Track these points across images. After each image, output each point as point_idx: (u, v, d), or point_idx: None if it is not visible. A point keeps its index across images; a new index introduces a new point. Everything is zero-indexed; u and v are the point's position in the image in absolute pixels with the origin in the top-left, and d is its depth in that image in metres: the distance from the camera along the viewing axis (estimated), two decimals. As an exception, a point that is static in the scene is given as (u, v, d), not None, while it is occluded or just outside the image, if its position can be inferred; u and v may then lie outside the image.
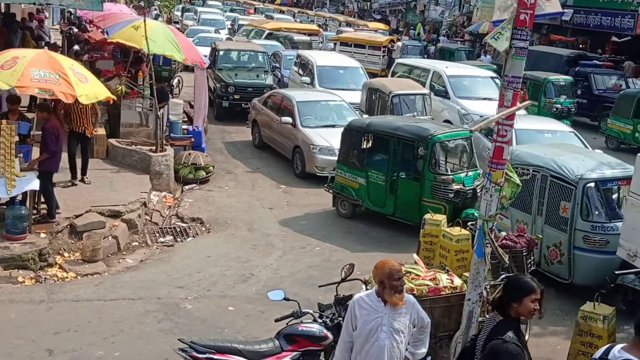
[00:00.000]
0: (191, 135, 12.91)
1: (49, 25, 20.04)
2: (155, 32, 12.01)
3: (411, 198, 9.75)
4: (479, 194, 9.77)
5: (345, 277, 5.64)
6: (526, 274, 6.85)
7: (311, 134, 12.70)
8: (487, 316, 4.23)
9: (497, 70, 22.49)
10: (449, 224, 8.13)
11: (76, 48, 16.17)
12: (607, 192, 7.97)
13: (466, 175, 9.84)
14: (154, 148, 11.71)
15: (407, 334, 4.38)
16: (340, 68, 18.04)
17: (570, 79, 18.91)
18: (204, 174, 12.26)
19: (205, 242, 9.71)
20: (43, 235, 8.67)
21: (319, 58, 18.14)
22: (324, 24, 37.61)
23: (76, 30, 19.83)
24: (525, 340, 4.11)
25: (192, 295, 7.89)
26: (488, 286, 6.42)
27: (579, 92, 19.30)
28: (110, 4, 18.73)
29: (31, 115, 11.18)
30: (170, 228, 10.18)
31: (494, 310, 4.08)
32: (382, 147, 10.28)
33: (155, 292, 7.87)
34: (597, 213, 7.70)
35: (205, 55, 19.92)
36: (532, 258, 7.01)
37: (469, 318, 4.73)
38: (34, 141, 9.38)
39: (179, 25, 28.96)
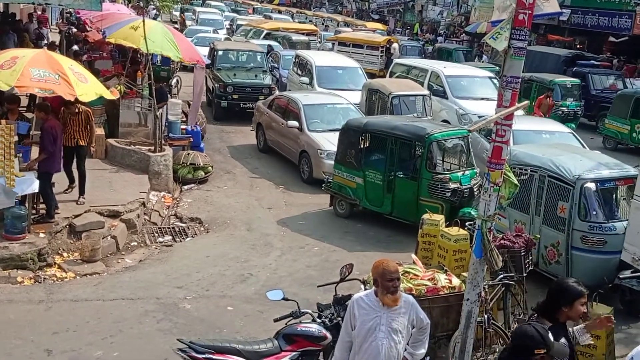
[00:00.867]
0: (190, 135, 12.92)
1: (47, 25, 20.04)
2: (153, 32, 12.01)
3: (408, 197, 9.79)
4: (475, 193, 9.86)
5: (343, 277, 5.65)
6: (525, 272, 6.92)
7: (318, 139, 12.44)
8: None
9: (499, 71, 22.60)
10: (446, 223, 8.15)
11: (75, 48, 16.17)
12: (605, 192, 7.99)
13: (463, 174, 9.88)
14: (152, 148, 11.72)
15: (406, 334, 4.40)
16: (339, 68, 17.98)
17: (577, 81, 18.71)
18: (203, 174, 12.27)
19: (204, 242, 9.72)
20: (42, 235, 8.67)
21: (318, 58, 18.09)
22: (324, 24, 37.62)
23: (75, 30, 19.83)
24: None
25: (191, 295, 7.90)
26: (486, 286, 6.45)
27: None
28: (109, 4, 18.73)
29: (31, 115, 11.17)
30: (169, 228, 10.19)
31: (535, 316, 4.06)
32: (380, 147, 10.31)
33: (154, 292, 7.88)
34: (595, 213, 7.73)
35: (204, 55, 20.10)
36: (530, 258, 7.02)
37: (468, 318, 4.75)
38: (33, 142, 9.37)
39: (177, 26, 28.90)
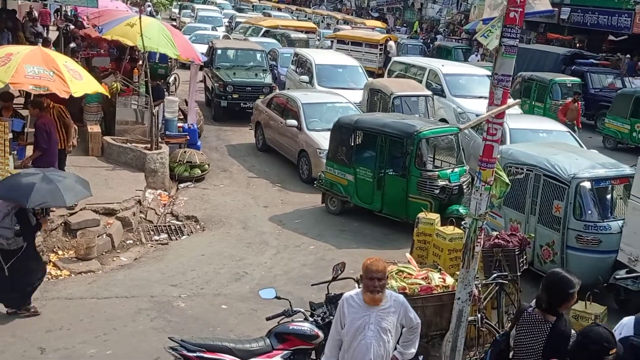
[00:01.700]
0: (186, 133, 12.90)
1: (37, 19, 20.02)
2: (150, 29, 11.97)
3: (398, 194, 9.80)
4: (465, 191, 9.86)
5: (336, 276, 5.65)
6: (519, 272, 6.91)
7: (317, 138, 12.36)
8: (526, 312, 4.27)
9: None
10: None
11: (73, 45, 16.12)
12: (601, 192, 7.98)
13: (452, 172, 9.90)
14: (149, 146, 11.70)
15: (395, 333, 4.39)
16: (339, 67, 17.82)
17: (578, 80, 18.57)
18: (199, 172, 12.25)
19: (199, 241, 9.71)
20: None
21: (318, 57, 17.92)
22: (323, 22, 37.55)
23: (73, 27, 19.77)
24: None
25: (186, 293, 7.89)
26: (480, 285, 6.44)
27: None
28: (107, 0, 18.69)
29: (25, 112, 11.14)
30: (164, 226, 10.18)
31: (531, 309, 4.19)
32: (370, 144, 10.32)
33: (149, 290, 7.88)
34: (590, 212, 7.72)
35: (202, 53, 20.02)
36: (525, 257, 7.01)
37: (459, 317, 4.74)
38: (27, 143, 9.33)
39: (175, 23, 28.86)
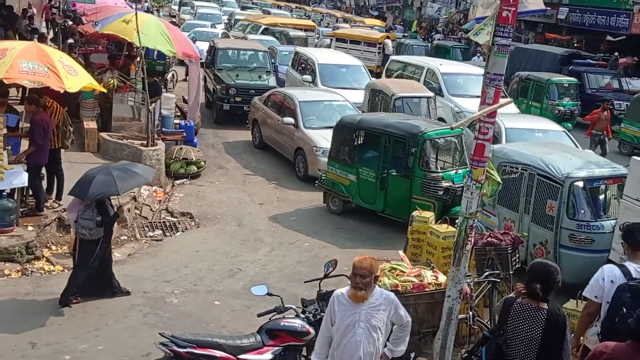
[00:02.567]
0: (183, 130, 12.89)
1: (37, 16, 20.03)
2: (147, 26, 11.99)
3: (401, 195, 9.76)
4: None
5: (328, 273, 5.66)
6: (511, 270, 6.92)
7: (314, 136, 12.33)
8: (515, 304, 4.42)
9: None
10: (438, 222, 8.14)
11: (70, 41, 16.11)
12: (594, 191, 7.99)
13: (456, 173, 9.85)
14: (145, 142, 11.70)
15: (385, 331, 4.40)
16: (342, 66, 17.59)
17: (575, 80, 18.51)
18: (195, 168, 12.25)
19: (194, 237, 9.71)
20: (30, 228, 8.65)
21: (320, 56, 17.66)
22: (323, 20, 37.51)
23: (71, 23, 19.76)
24: None
25: (179, 289, 7.89)
26: (472, 283, 6.46)
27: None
28: (105, -5, 18.70)
29: (20, 108, 11.13)
30: (159, 222, 10.18)
31: (519, 300, 4.37)
32: (373, 144, 10.27)
33: (142, 286, 7.87)
34: (583, 212, 7.73)
35: (202, 50, 19.94)
36: (517, 256, 7.02)
37: (449, 314, 4.75)
38: (22, 135, 9.31)
39: (175, 20, 28.82)
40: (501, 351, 4.37)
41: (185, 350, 5.14)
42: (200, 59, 14.64)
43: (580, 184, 7.79)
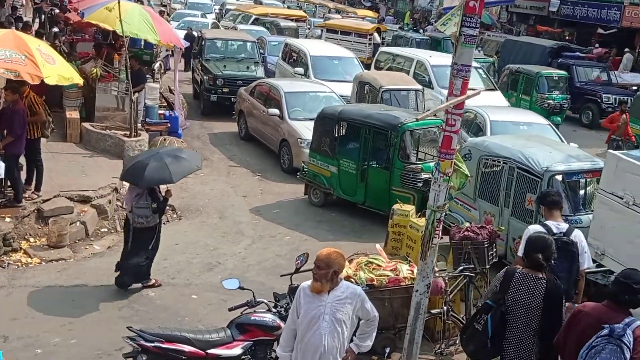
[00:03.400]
0: (167, 121, 12.79)
1: (26, 5, 19.78)
2: (130, 14, 11.85)
3: (381, 187, 9.74)
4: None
5: (299, 267, 5.61)
6: (488, 264, 6.88)
7: (299, 127, 12.22)
8: (517, 274, 4.64)
9: (493, 62, 22.16)
10: (418, 214, 8.10)
11: (55, 30, 15.94)
12: (573, 185, 7.97)
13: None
14: (128, 133, 11.60)
15: (350, 325, 4.36)
16: (334, 58, 17.36)
17: (564, 73, 18.25)
18: (179, 160, 12.13)
19: (175, 229, 9.64)
20: (8, 219, 8.56)
21: (312, 48, 17.44)
22: (318, 10, 37.26)
23: (57, 11, 19.56)
24: None
25: (156, 282, 7.84)
26: (446, 278, 6.43)
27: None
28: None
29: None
30: (140, 214, 10.09)
31: (519, 270, 4.64)
32: (354, 135, 10.24)
33: (119, 279, 7.81)
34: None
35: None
36: (495, 250, 6.98)
37: (417, 309, 4.71)
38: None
39: (166, 9, 28.57)
40: (505, 319, 4.58)
41: (153, 344, 5.10)
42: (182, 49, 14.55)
43: (560, 177, 7.76)
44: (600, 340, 4.00)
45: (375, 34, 25.41)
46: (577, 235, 5.61)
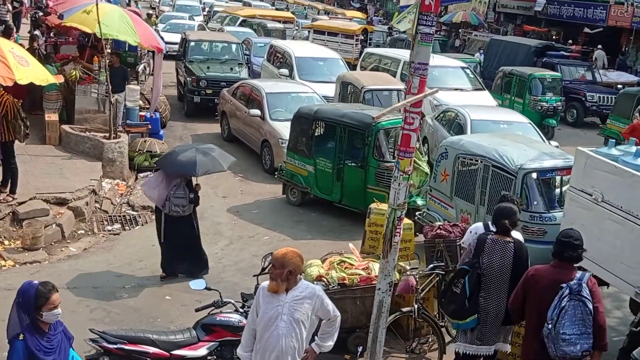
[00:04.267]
0: (148, 122, 12.73)
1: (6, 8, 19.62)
2: (109, 16, 11.78)
3: (357, 185, 9.75)
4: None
5: (265, 267, 5.58)
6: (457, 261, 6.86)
7: (280, 128, 12.17)
8: (489, 239, 5.28)
9: (479, 62, 22.06)
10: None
11: (36, 33, 15.86)
12: (547, 182, 7.96)
13: None
14: (108, 135, 11.53)
15: (310, 325, 4.32)
16: (319, 59, 17.36)
17: (558, 75, 17.88)
18: (160, 161, 12.08)
19: (152, 231, 9.41)
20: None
21: (297, 49, 17.40)
22: (309, 13, 37.25)
23: (41, 14, 19.47)
24: None
25: (130, 284, 7.79)
26: (417, 276, 6.41)
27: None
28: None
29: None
30: (119, 216, 10.05)
31: (490, 236, 5.30)
32: (330, 135, 10.25)
33: (92, 281, 7.76)
34: (536, 203, 7.69)
35: (176, 43, 19.68)
36: (467, 247, 6.97)
37: (379, 307, 4.69)
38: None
39: (151, 12, 28.46)
40: (480, 280, 5.19)
41: (115, 346, 5.05)
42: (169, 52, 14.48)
43: (534, 175, 7.75)
44: (566, 300, 4.55)
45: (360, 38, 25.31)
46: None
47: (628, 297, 7.30)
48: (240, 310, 5.54)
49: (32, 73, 8.70)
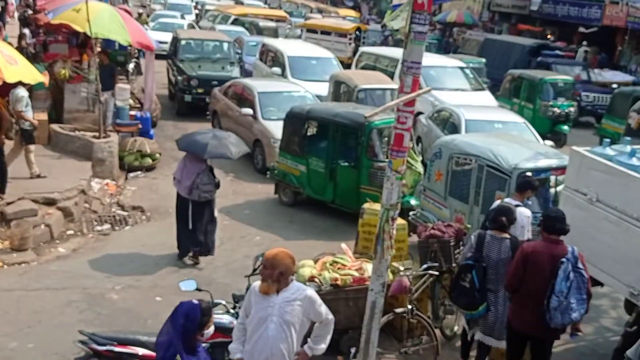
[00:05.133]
0: (138, 122, 12.61)
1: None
2: (100, 15, 11.65)
3: (349, 185, 9.68)
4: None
5: (256, 267, 5.50)
6: (454, 262, 6.80)
7: (272, 127, 12.07)
8: (487, 236, 5.78)
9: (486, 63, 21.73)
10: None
11: (25, 31, 15.71)
12: (541, 182, 7.90)
13: None
14: (97, 134, 11.41)
15: (300, 327, 4.24)
16: (312, 59, 17.25)
17: (571, 79, 17.05)
18: (150, 161, 11.99)
19: (143, 231, 9.49)
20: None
21: (289, 48, 17.30)
22: (303, 12, 37.15)
23: (31, 12, 19.29)
24: None
25: (120, 285, 7.69)
26: (411, 276, 6.35)
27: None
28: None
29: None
30: (109, 216, 9.93)
31: (489, 232, 5.79)
32: (322, 134, 10.19)
33: (82, 282, 7.66)
34: (530, 203, 7.63)
35: (165, 42, 19.53)
36: (461, 248, 6.90)
37: (372, 308, 4.61)
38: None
39: (142, 10, 28.30)
40: (486, 272, 5.63)
41: (105, 348, 4.96)
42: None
43: (529, 174, 7.69)
44: (572, 273, 5.03)
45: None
46: (522, 212, 6.42)
47: (623, 297, 7.26)
48: (232, 311, 5.46)
49: (21, 71, 8.60)
